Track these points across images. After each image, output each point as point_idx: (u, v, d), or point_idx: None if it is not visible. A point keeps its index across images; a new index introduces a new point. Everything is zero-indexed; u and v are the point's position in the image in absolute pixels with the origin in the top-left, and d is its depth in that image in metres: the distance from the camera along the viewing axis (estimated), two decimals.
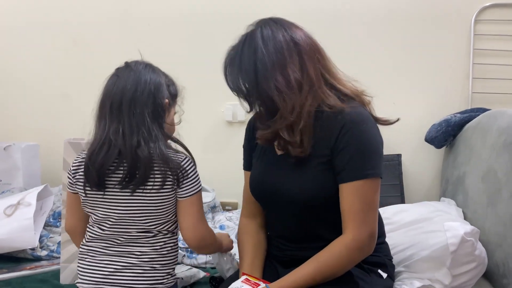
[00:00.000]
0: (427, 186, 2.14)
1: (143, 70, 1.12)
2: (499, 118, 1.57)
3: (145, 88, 1.08)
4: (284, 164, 1.14)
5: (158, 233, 1.13)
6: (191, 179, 1.10)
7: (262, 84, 1.05)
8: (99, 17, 2.27)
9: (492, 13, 2.03)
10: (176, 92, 1.19)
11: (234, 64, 1.10)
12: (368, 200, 1.05)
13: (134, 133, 1.05)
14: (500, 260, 1.39)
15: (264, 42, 1.08)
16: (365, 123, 1.06)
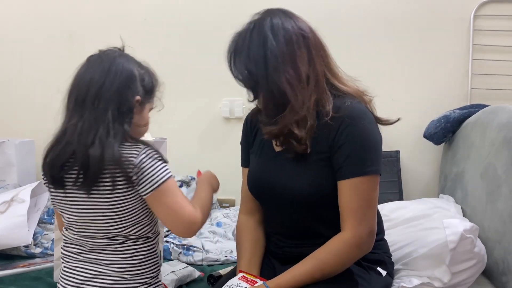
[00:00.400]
0: (425, 182, 2.13)
1: (115, 60, 1.00)
2: (499, 114, 1.55)
3: (113, 81, 0.98)
4: (283, 160, 1.12)
5: (126, 240, 1.02)
6: (148, 173, 0.96)
7: (272, 75, 1.03)
8: (95, 12, 2.24)
9: (492, 8, 2.01)
10: (152, 86, 1.07)
11: (242, 52, 1.07)
12: (367, 197, 1.04)
13: (92, 130, 0.95)
14: (500, 257, 1.38)
15: (274, 32, 1.05)
16: (364, 119, 1.05)
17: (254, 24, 1.08)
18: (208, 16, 2.16)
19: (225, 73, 2.23)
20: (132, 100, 1.00)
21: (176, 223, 1.00)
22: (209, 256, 1.67)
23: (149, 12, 2.20)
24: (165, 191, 0.98)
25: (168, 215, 0.99)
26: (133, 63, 1.04)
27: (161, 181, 0.97)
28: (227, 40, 2.33)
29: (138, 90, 1.02)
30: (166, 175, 0.98)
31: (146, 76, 1.05)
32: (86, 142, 0.94)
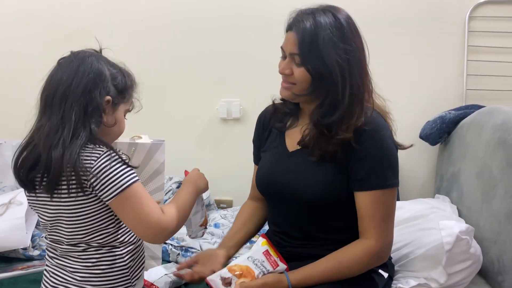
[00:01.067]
0: (421, 183, 2.14)
1: (85, 60, 0.98)
2: (494, 115, 1.57)
3: (81, 81, 0.95)
4: (296, 162, 1.13)
5: (88, 247, 0.98)
6: (110, 177, 0.92)
7: (351, 79, 1.04)
8: (91, 13, 2.24)
9: (486, 9, 2.02)
10: (126, 86, 1.03)
11: (328, 43, 1.03)
12: (388, 208, 1.08)
13: (58, 131, 0.92)
14: (495, 257, 1.40)
15: (353, 34, 1.07)
16: (384, 132, 1.08)
17: (333, 18, 1.05)
18: (205, 17, 2.16)
19: (222, 74, 2.26)
20: (100, 100, 0.96)
21: (142, 230, 0.94)
22: None
23: (146, 13, 2.20)
24: (129, 196, 0.92)
25: (133, 221, 0.94)
26: (105, 63, 1.00)
27: (124, 186, 0.92)
28: (225, 41, 2.34)
29: (109, 90, 0.99)
30: (130, 179, 0.93)
31: (119, 75, 1.02)
32: (50, 144, 0.92)
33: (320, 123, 1.07)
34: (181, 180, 2.10)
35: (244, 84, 2.18)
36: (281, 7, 2.13)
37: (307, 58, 1.04)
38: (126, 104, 1.05)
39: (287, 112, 1.20)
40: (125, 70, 1.05)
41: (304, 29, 1.04)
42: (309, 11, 1.08)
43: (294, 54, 1.06)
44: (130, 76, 1.06)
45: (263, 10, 2.10)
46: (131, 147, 1.46)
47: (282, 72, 1.10)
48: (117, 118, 1.02)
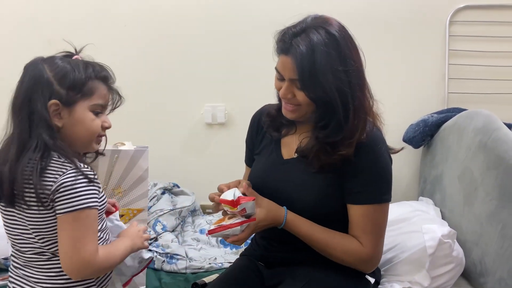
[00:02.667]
0: (405, 185, 2.16)
1: (28, 68, 0.94)
2: (475, 119, 1.59)
3: (20, 90, 0.93)
4: (290, 170, 1.13)
5: (53, 256, 0.94)
6: (66, 193, 0.88)
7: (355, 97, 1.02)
8: (75, 17, 2.21)
9: (466, 14, 2.06)
10: (81, 81, 0.94)
11: (326, 71, 1.00)
12: (379, 223, 1.09)
13: (9, 145, 0.92)
14: (477, 258, 1.42)
15: (351, 50, 1.04)
16: (381, 148, 1.08)
17: (327, 35, 1.01)
18: (190, 22, 2.15)
19: (207, 79, 2.25)
20: (42, 107, 0.90)
21: (67, 257, 0.89)
22: (193, 264, 1.66)
23: (129, 18, 2.18)
24: (77, 219, 0.88)
25: (67, 245, 0.89)
26: (49, 64, 0.93)
27: (77, 207, 0.88)
28: (210, 46, 2.32)
29: (52, 93, 0.91)
30: (86, 203, 0.88)
31: (67, 71, 0.93)
32: (4, 159, 0.91)
33: (325, 141, 1.06)
34: (166, 186, 2.09)
35: (229, 89, 2.18)
36: (267, 12, 2.15)
37: (307, 86, 1.01)
38: (88, 99, 0.95)
39: (284, 123, 1.18)
40: (81, 63, 0.96)
41: (301, 54, 0.99)
42: (301, 29, 1.03)
43: (294, 80, 1.03)
44: (88, 67, 0.95)
45: (248, 15, 2.10)
46: (114, 154, 1.45)
47: (283, 97, 1.07)
48: (77, 117, 0.94)
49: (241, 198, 1.00)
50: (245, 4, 2.11)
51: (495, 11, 2.05)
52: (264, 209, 1.05)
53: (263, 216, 1.04)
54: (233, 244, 1.06)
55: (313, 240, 1.08)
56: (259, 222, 1.04)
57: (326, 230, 1.08)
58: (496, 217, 1.35)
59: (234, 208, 1.01)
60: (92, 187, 0.91)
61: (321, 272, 1.11)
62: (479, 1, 2.05)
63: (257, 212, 1.04)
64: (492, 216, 1.36)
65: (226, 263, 1.67)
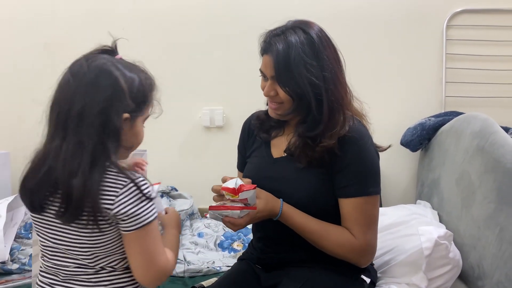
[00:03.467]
0: (403, 189, 2.17)
1: (101, 72, 0.88)
2: (472, 122, 1.60)
3: (97, 100, 0.85)
4: (281, 168, 1.15)
5: (101, 270, 0.91)
6: (130, 211, 0.85)
7: (332, 90, 1.06)
8: (71, 21, 2.21)
9: (463, 18, 2.08)
10: (145, 95, 0.93)
11: (298, 65, 1.05)
12: (370, 215, 1.10)
13: (76, 157, 0.84)
14: (475, 262, 1.42)
15: (323, 45, 1.08)
16: (367, 141, 1.10)
17: (304, 35, 1.07)
18: (187, 26, 2.16)
19: (205, 82, 2.25)
20: (118, 121, 0.87)
21: (147, 270, 0.88)
22: (191, 267, 1.66)
23: (127, 21, 2.18)
24: (146, 233, 0.87)
25: (142, 259, 0.88)
26: (121, 70, 0.89)
27: (144, 222, 0.86)
28: (208, 49, 2.33)
29: (127, 106, 0.88)
30: (150, 216, 0.87)
31: (136, 84, 0.90)
32: (70, 171, 0.84)
33: (305, 136, 1.10)
34: (164, 189, 2.09)
35: (227, 92, 2.18)
36: (264, 16, 2.15)
37: (283, 80, 1.07)
38: (145, 112, 0.94)
39: (273, 125, 1.22)
40: (142, 74, 0.94)
41: (277, 51, 1.06)
42: (280, 31, 1.10)
43: (273, 77, 1.09)
44: (148, 80, 0.94)
45: (245, 18, 2.11)
46: None
47: (267, 94, 1.13)
48: (135, 131, 0.92)
49: (243, 186, 1.02)
50: (244, 7, 2.12)
51: (492, 15, 2.07)
52: (263, 200, 1.07)
53: (262, 207, 1.06)
54: (228, 227, 1.07)
55: (307, 232, 1.09)
56: (257, 212, 1.05)
57: (320, 222, 1.10)
58: (494, 221, 1.35)
59: (235, 195, 1.02)
60: (149, 198, 0.87)
61: (317, 272, 1.12)
62: (476, 5, 2.06)
63: (256, 202, 1.06)
64: (490, 220, 1.37)
65: (224, 266, 1.67)
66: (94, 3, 2.19)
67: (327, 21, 2.13)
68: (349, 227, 1.09)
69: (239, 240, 1.89)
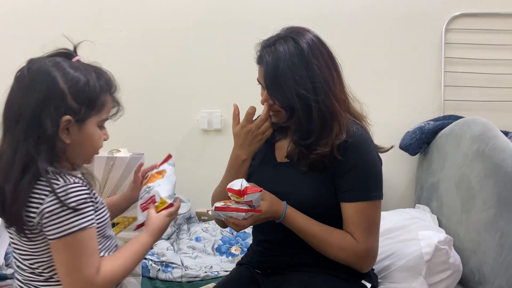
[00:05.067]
0: (401, 193, 2.16)
1: (38, 74, 0.84)
2: (472, 126, 1.59)
3: (29, 102, 0.82)
4: (284, 172, 1.16)
5: (50, 278, 0.88)
6: (52, 219, 0.81)
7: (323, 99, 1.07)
8: (67, 22, 2.19)
9: (462, 22, 2.07)
10: (94, 95, 0.87)
11: (286, 76, 1.06)
12: (372, 220, 1.10)
13: (11, 161, 0.82)
14: (475, 267, 1.41)
15: (314, 54, 1.08)
16: (369, 146, 1.11)
17: (294, 45, 1.07)
18: (185, 28, 2.14)
19: (203, 85, 2.24)
20: (53, 125, 0.82)
21: (70, 281, 0.84)
22: (189, 272, 1.64)
23: (125, 24, 2.17)
24: (69, 244, 0.82)
25: (65, 270, 0.84)
26: (63, 72, 0.85)
27: (65, 233, 0.81)
28: (206, 52, 2.32)
29: (66, 108, 0.84)
30: (76, 225, 0.82)
31: (81, 84, 0.85)
32: (5, 176, 0.83)
33: (299, 144, 1.12)
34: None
35: (225, 95, 2.17)
36: (263, 18, 2.15)
37: (273, 92, 1.09)
38: (98, 115, 0.89)
39: (275, 129, 1.22)
40: (94, 74, 0.89)
41: (267, 63, 1.08)
42: (272, 41, 1.10)
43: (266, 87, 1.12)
44: (100, 80, 0.89)
45: (244, 21, 2.10)
46: (109, 161, 1.43)
47: (263, 103, 1.14)
48: (86, 134, 0.88)
49: (248, 189, 1.01)
50: (242, 10, 2.11)
51: (490, 19, 2.06)
52: (267, 202, 1.06)
53: (266, 209, 1.05)
54: (230, 227, 1.06)
55: (309, 235, 1.09)
56: (260, 214, 1.05)
57: (323, 226, 1.10)
58: (494, 226, 1.34)
59: (240, 197, 1.02)
60: (84, 205, 0.83)
61: (318, 277, 1.11)
62: (475, 9, 2.06)
63: (261, 204, 1.05)
64: (490, 225, 1.36)
65: (222, 271, 1.66)
66: (92, 5, 2.17)
67: (325, 25, 2.14)
68: (351, 231, 1.09)
69: (237, 245, 1.87)
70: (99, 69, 0.92)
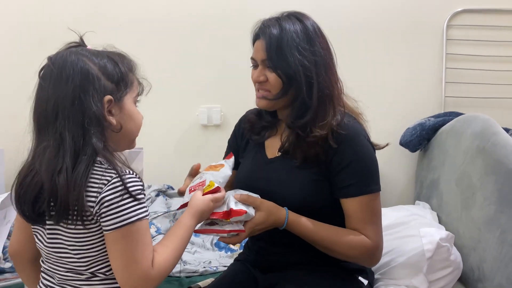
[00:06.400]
0: (401, 189, 2.15)
1: (65, 64, 0.84)
2: (473, 123, 1.58)
3: (67, 91, 0.82)
4: (275, 168, 1.14)
5: (92, 276, 0.87)
6: (113, 208, 0.81)
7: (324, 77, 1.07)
8: (66, 16, 2.18)
9: (464, 18, 2.06)
10: (122, 73, 0.89)
11: (291, 48, 1.06)
12: (375, 212, 1.09)
13: (59, 154, 0.81)
14: (475, 264, 1.41)
15: (318, 34, 1.10)
16: (363, 139, 1.09)
17: (298, 23, 1.09)
18: (185, 23, 2.13)
19: (203, 80, 2.23)
20: (96, 106, 0.83)
21: (126, 274, 0.83)
22: (187, 267, 1.64)
23: (124, 18, 2.15)
24: (127, 234, 0.81)
25: (120, 263, 0.82)
26: (88, 57, 0.86)
27: (126, 222, 0.81)
28: (205, 47, 2.31)
29: (104, 88, 0.85)
30: (136, 215, 0.82)
31: (109, 64, 0.87)
32: (53, 170, 0.81)
33: (294, 125, 1.09)
34: (160, 188, 2.06)
35: (225, 90, 2.16)
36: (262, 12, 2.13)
37: (274, 61, 1.07)
38: (131, 92, 0.90)
39: (265, 125, 1.20)
40: (114, 54, 0.91)
41: (271, 34, 1.08)
42: (274, 19, 1.11)
43: (264, 60, 1.09)
44: (122, 58, 0.91)
45: (243, 15, 2.08)
46: None
47: (256, 79, 1.12)
48: (128, 112, 0.89)
49: (233, 211, 0.99)
50: (241, 5, 2.10)
51: (492, 15, 2.05)
52: (264, 213, 1.04)
53: (262, 220, 1.04)
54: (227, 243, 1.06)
55: (317, 239, 1.07)
56: (256, 225, 1.03)
57: (329, 227, 1.08)
58: (495, 223, 1.33)
59: (227, 219, 1.00)
60: (141, 195, 0.83)
61: (314, 275, 1.11)
62: (477, 5, 2.05)
63: (256, 216, 1.03)
64: (491, 222, 1.35)
65: (221, 266, 1.65)
66: (91, 0, 2.16)
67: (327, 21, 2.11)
68: (358, 227, 1.07)
69: None
70: (116, 50, 0.94)
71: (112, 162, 0.83)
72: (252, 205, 1.04)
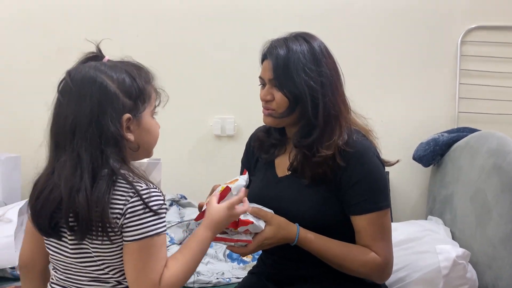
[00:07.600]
0: (414, 204, 2.15)
1: (84, 82, 0.84)
2: (488, 140, 1.59)
3: (85, 110, 0.82)
4: (285, 186, 1.15)
5: (118, 284, 0.88)
6: (134, 220, 0.83)
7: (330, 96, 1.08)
8: (84, 26, 2.21)
9: (478, 35, 2.08)
10: (140, 89, 0.89)
11: (297, 69, 1.08)
12: (385, 228, 1.10)
13: (77, 173, 0.82)
14: (490, 281, 1.40)
15: (324, 55, 1.11)
16: (372, 156, 1.10)
17: (305, 44, 1.11)
18: (199, 34, 2.16)
19: (216, 91, 2.25)
20: (114, 126, 0.84)
21: (132, 285, 0.84)
22: (200, 278, 1.64)
23: (141, 28, 2.18)
24: (144, 247, 0.83)
25: (133, 273, 0.84)
26: (107, 73, 0.86)
27: (143, 236, 0.83)
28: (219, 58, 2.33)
29: (123, 107, 0.85)
30: (155, 229, 0.83)
31: (127, 81, 0.87)
32: (71, 187, 0.82)
33: (300, 144, 1.10)
34: (174, 197, 2.07)
35: (239, 101, 2.18)
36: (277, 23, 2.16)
37: (281, 81, 1.09)
38: (149, 105, 0.91)
39: (274, 143, 1.22)
40: (132, 68, 0.90)
41: (278, 54, 1.10)
42: (282, 39, 1.13)
43: (271, 80, 1.11)
44: (139, 71, 0.91)
45: (258, 26, 2.11)
46: None
47: (263, 98, 1.14)
48: (146, 126, 0.90)
49: (240, 221, 1.01)
50: (255, 16, 2.13)
51: (506, 32, 2.06)
52: (274, 227, 1.05)
53: (272, 234, 1.05)
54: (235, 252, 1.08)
55: (328, 256, 1.08)
56: (265, 239, 1.05)
57: (340, 244, 1.09)
58: (511, 241, 1.33)
59: (235, 229, 1.02)
60: (162, 210, 0.84)
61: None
62: (491, 22, 2.06)
63: (266, 229, 1.05)
64: (507, 240, 1.35)
65: (234, 278, 1.66)
66: (107, 8, 2.19)
67: (340, 35, 2.14)
68: (368, 244, 1.08)
69: None
70: (134, 62, 0.94)
71: (130, 181, 0.84)
72: (263, 219, 1.05)
